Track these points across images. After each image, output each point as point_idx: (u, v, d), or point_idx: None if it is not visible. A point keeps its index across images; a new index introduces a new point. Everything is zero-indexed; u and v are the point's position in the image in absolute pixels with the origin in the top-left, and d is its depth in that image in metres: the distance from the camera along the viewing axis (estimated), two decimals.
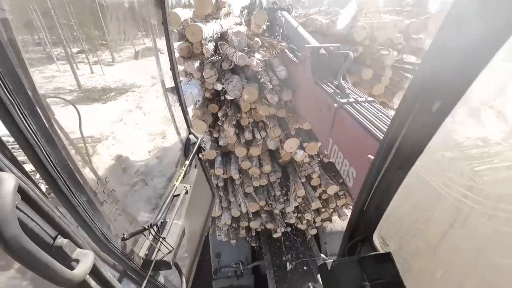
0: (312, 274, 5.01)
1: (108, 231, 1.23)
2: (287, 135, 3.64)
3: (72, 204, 1.01)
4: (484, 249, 0.73)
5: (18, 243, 0.55)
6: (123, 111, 2.55)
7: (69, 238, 0.86)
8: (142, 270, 1.45)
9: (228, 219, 4.61)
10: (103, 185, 1.22)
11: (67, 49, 9.36)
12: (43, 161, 0.83)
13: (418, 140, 0.80)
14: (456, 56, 0.65)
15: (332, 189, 4.25)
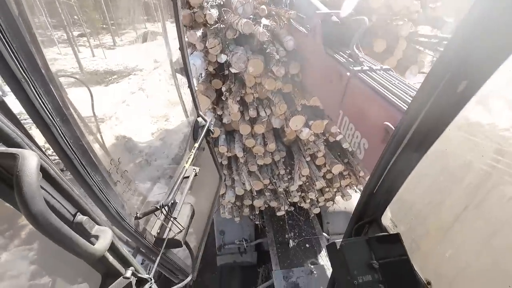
0: (314, 251, 5.11)
1: (122, 210, 1.27)
2: (293, 112, 3.51)
3: (88, 183, 1.03)
4: (498, 231, 0.74)
5: (44, 218, 0.57)
6: (129, 93, 2.54)
7: (88, 215, 0.89)
8: (154, 247, 1.51)
9: (232, 197, 4.59)
10: (116, 166, 1.24)
11: (69, 32, 9.16)
12: (59, 140, 0.84)
13: (438, 121, 0.78)
14: (487, 36, 0.61)
15: (336, 168, 4.18)
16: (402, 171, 0.98)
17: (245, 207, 4.96)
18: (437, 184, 0.96)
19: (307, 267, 4.74)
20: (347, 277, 0.97)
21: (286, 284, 4.49)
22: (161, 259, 1.61)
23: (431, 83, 0.74)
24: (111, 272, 1.14)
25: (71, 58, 10.32)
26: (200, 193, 2.31)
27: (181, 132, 2.08)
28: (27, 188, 0.53)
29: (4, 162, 0.58)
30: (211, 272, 6.42)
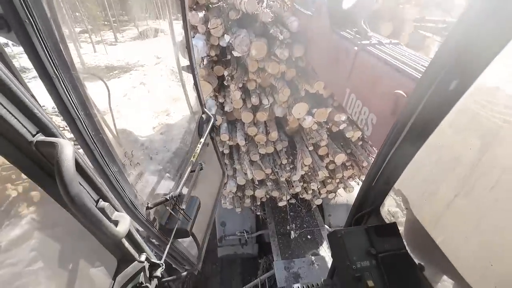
0: (316, 242, 5.11)
1: (135, 200, 1.34)
2: (296, 99, 3.45)
3: (106, 174, 1.10)
4: (484, 216, 0.81)
5: (80, 200, 0.64)
6: (131, 87, 2.59)
7: (109, 202, 0.97)
8: (163, 236, 1.58)
9: (234, 186, 4.54)
10: (129, 158, 1.31)
11: (70, 27, 9.16)
12: (83, 133, 0.91)
13: (433, 117, 0.85)
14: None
15: (339, 158, 4.11)
16: (400, 163, 1.05)
17: (246, 197, 4.91)
18: (431, 175, 1.03)
19: (308, 258, 4.73)
20: (346, 263, 1.04)
21: (287, 275, 4.49)
22: (169, 248, 1.69)
23: (426, 81, 0.81)
24: (126, 257, 1.21)
25: (73, 53, 10.33)
26: (204, 187, 2.38)
27: (185, 127, 2.15)
28: (66, 172, 0.61)
29: (44, 150, 0.65)
30: (211, 264, 6.44)
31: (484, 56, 0.68)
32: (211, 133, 2.40)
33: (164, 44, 2.89)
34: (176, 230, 1.64)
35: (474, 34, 0.68)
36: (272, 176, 4.57)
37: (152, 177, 1.82)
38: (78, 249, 1.12)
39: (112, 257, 1.17)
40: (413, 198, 1.14)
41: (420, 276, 1.03)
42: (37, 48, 0.68)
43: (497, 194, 0.74)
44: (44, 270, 0.95)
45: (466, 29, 0.70)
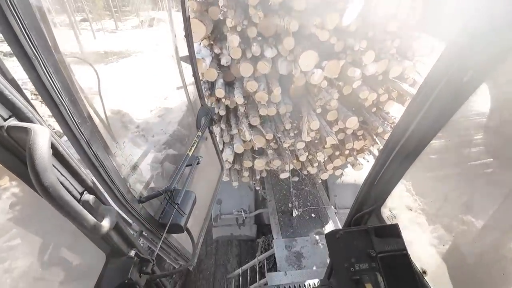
0: (321, 221, 4.66)
1: (127, 193, 1.29)
2: (304, 47, 2.96)
3: (94, 165, 1.05)
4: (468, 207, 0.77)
5: (56, 191, 0.59)
6: (129, 72, 2.52)
7: (94, 194, 0.92)
8: (157, 231, 1.54)
9: (230, 155, 4.00)
10: (121, 149, 1.26)
11: (70, 14, 9.05)
12: (67, 120, 0.86)
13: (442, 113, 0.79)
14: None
15: (351, 122, 3.54)
16: (404, 162, 0.99)
17: (244, 170, 4.45)
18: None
19: (312, 237, 4.35)
20: (344, 264, 0.99)
21: (288, 254, 4.10)
22: (163, 243, 1.64)
23: (425, 90, 0.75)
24: (116, 251, 1.17)
25: (72, 39, 10.22)
26: (202, 182, 2.34)
27: (183, 119, 2.10)
28: (39, 161, 0.55)
29: (17, 136, 0.59)
30: (206, 245, 6.00)
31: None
32: (209, 126, 2.35)
33: (164, 33, 2.84)
34: (170, 225, 1.59)
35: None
36: (274, 145, 4.10)
37: (147, 170, 1.78)
38: (65, 242, 1.08)
39: (101, 252, 1.13)
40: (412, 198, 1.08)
41: (422, 281, 0.98)
42: (13, 26, 0.63)
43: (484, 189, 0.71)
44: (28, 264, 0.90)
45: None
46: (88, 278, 1.12)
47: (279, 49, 3.16)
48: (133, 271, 1.18)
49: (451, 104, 0.78)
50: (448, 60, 0.72)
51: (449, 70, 0.71)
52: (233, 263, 5.63)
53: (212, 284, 5.28)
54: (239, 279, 4.81)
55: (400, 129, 0.91)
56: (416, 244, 1.07)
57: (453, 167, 0.89)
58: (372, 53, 3.17)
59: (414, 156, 0.96)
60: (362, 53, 3.14)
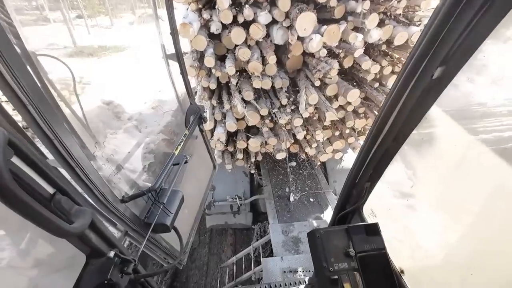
0: (320, 206, 4.50)
1: (108, 193, 1.28)
2: (300, 9, 2.75)
3: (71, 165, 1.04)
4: (459, 202, 0.76)
5: (11, 192, 0.57)
6: (121, 66, 2.47)
7: (67, 195, 0.90)
8: (142, 231, 1.53)
9: (222, 134, 3.75)
10: (101, 149, 1.24)
11: (64, 11, 8.96)
12: (37, 120, 0.84)
13: (416, 109, 0.78)
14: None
15: (353, 95, 3.32)
16: (382, 160, 0.98)
17: (239, 152, 4.28)
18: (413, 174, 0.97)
19: (311, 222, 4.20)
20: (323, 264, 0.98)
21: (285, 239, 3.95)
22: (149, 242, 1.64)
23: (406, 77, 0.73)
24: (95, 252, 1.16)
25: (65, 33, 10.06)
26: (192, 180, 2.32)
27: (172, 117, 2.08)
28: None
29: None
30: (199, 235, 5.83)
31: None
32: (199, 124, 2.33)
33: (155, 30, 2.74)
34: (155, 224, 1.59)
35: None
36: (269, 123, 3.91)
37: (133, 170, 1.76)
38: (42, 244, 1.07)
39: (81, 253, 1.12)
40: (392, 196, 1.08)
41: (400, 280, 0.97)
42: None
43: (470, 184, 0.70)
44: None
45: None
46: (68, 279, 1.11)
47: (274, 14, 2.94)
48: (113, 272, 1.17)
49: (424, 101, 0.77)
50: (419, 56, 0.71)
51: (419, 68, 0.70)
52: (227, 252, 5.50)
53: (206, 273, 5.21)
54: (233, 267, 4.76)
55: (377, 128, 0.90)
56: (395, 243, 1.06)
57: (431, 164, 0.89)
58: (376, 16, 2.95)
59: (392, 154, 0.95)
60: (364, 16, 2.92)
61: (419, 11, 3.29)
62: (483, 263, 0.72)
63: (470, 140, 0.74)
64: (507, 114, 0.80)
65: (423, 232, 0.94)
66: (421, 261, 0.94)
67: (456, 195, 0.78)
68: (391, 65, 3.58)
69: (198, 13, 3.13)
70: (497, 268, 0.67)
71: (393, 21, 3.23)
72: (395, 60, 3.67)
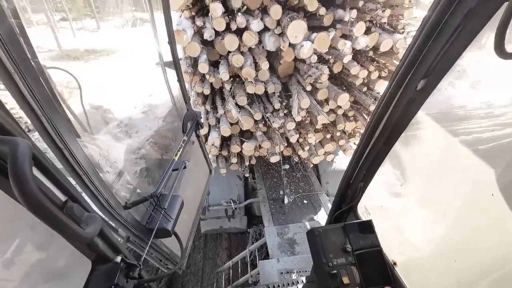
0: (314, 207, 4.59)
1: (112, 200, 1.30)
2: (291, 17, 2.91)
3: (78, 173, 1.07)
4: (443, 198, 0.85)
5: (37, 201, 0.61)
6: (110, 71, 2.44)
7: (78, 203, 0.93)
8: (144, 236, 1.56)
9: (217, 138, 3.82)
10: (105, 157, 1.27)
11: (48, 13, 8.65)
12: (49, 131, 0.87)
13: (402, 119, 0.87)
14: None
15: (343, 99, 3.53)
16: (374, 161, 1.07)
17: (233, 156, 4.33)
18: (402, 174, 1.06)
19: (305, 223, 4.29)
20: (323, 260, 1.05)
21: (280, 241, 4.00)
22: (150, 248, 1.66)
23: (396, 82, 0.82)
24: (101, 258, 1.18)
25: (50, 37, 9.71)
26: (190, 185, 2.35)
27: (169, 125, 2.11)
28: (21, 172, 0.57)
29: None
30: (194, 240, 6.04)
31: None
32: (196, 130, 2.37)
33: (150, 35, 2.75)
34: (157, 230, 1.61)
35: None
36: (262, 127, 4.02)
37: (134, 176, 1.78)
38: (49, 251, 1.08)
39: (87, 259, 1.14)
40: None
41: (393, 272, 1.06)
42: None
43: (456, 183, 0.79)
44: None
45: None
46: (74, 286, 1.13)
47: (266, 22, 3.08)
48: (120, 277, 1.20)
49: (410, 109, 0.86)
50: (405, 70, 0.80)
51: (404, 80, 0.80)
52: (222, 257, 5.48)
53: (201, 278, 5.16)
54: (229, 272, 4.75)
55: (369, 133, 0.98)
56: (388, 237, 1.15)
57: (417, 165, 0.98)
58: (362, 24, 3.17)
59: (382, 156, 1.04)
60: (352, 25, 3.12)
61: (403, 20, 3.49)
62: (464, 250, 0.81)
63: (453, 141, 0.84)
64: (484, 116, 0.89)
65: (412, 227, 1.03)
66: (411, 252, 1.03)
67: (440, 192, 0.88)
68: (378, 70, 3.78)
69: (191, 20, 3.21)
70: (475, 254, 0.77)
71: (379, 29, 3.41)
72: (382, 65, 3.87)
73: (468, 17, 0.61)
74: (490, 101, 0.84)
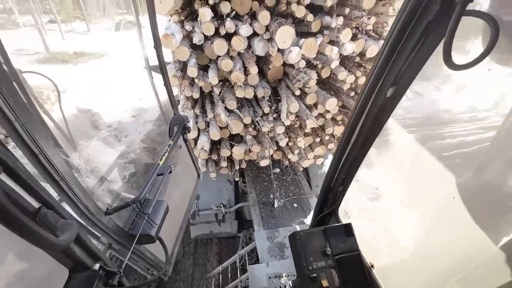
0: (304, 211, 4.65)
1: (92, 206, 1.28)
2: (280, 23, 2.97)
3: (55, 179, 1.04)
4: (418, 203, 0.88)
5: (3, 207, 0.60)
6: (98, 75, 2.40)
7: (53, 209, 0.91)
8: (126, 243, 1.53)
9: (206, 142, 3.82)
10: (85, 161, 1.25)
11: (36, 15, 8.43)
12: (23, 136, 0.85)
13: (375, 122, 0.90)
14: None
15: (331, 104, 3.59)
16: (352, 165, 1.09)
17: (223, 160, 4.34)
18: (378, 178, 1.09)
19: (295, 226, 4.35)
20: (303, 264, 1.07)
21: (270, 245, 4.02)
22: (134, 254, 1.63)
23: (368, 89, 0.86)
24: (79, 266, 1.16)
25: (38, 39, 9.46)
26: (177, 190, 2.33)
27: (155, 129, 2.10)
28: None
29: None
30: (183, 246, 5.73)
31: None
32: (183, 134, 2.36)
33: (135, 40, 2.67)
34: (140, 235, 1.59)
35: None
36: (252, 131, 4.05)
37: (117, 181, 1.75)
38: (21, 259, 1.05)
39: (63, 267, 1.11)
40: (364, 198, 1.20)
41: (370, 274, 1.08)
42: None
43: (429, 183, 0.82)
44: None
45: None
46: None
47: (255, 27, 3.12)
48: (98, 284, 1.17)
49: (381, 115, 0.90)
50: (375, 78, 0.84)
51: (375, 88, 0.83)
52: (213, 262, 5.44)
53: (191, 285, 5.10)
54: (219, 277, 4.70)
55: (345, 138, 1.01)
56: (366, 240, 1.18)
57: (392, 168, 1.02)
58: (349, 31, 3.24)
59: (359, 160, 1.07)
60: (339, 31, 3.19)
61: (387, 27, 3.60)
62: (431, 252, 0.84)
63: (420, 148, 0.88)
64: (468, 120, 0.92)
65: (386, 229, 1.06)
66: (386, 255, 1.05)
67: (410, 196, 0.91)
68: (365, 76, 3.86)
69: (180, 25, 3.21)
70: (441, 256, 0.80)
71: (365, 35, 3.50)
72: (368, 71, 3.96)
73: (428, 29, 0.65)
74: (451, 107, 0.88)
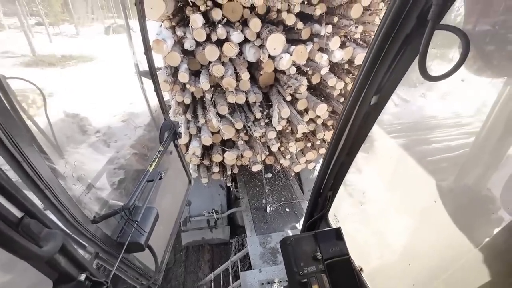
0: (296, 215, 4.67)
1: (78, 214, 1.25)
2: (270, 30, 3.04)
3: (39, 187, 1.01)
4: (403, 207, 0.91)
5: None
6: (88, 79, 2.34)
7: (36, 218, 0.88)
8: (114, 251, 1.49)
9: (198, 147, 3.81)
10: (72, 169, 1.22)
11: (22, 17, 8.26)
12: (5, 142, 0.83)
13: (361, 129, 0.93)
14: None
15: (321, 109, 3.66)
16: (340, 171, 1.12)
17: (214, 165, 4.34)
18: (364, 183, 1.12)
19: (287, 231, 4.34)
20: (294, 269, 1.07)
21: (263, 251, 3.99)
22: (122, 263, 1.59)
23: (353, 97, 0.89)
24: (64, 277, 1.12)
25: (24, 42, 9.23)
26: (167, 196, 2.30)
27: (146, 134, 2.08)
28: None
29: None
30: (174, 253, 5.63)
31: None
32: (174, 140, 2.34)
33: (125, 45, 2.63)
34: (128, 244, 1.55)
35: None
36: (244, 136, 4.08)
37: (105, 189, 1.72)
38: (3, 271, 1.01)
39: (47, 279, 1.07)
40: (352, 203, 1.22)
41: (360, 277, 1.09)
42: None
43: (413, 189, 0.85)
44: None
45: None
46: None
47: (246, 34, 3.18)
48: None
49: (366, 122, 0.93)
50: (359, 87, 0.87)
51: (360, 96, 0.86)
52: (205, 270, 5.35)
53: None
54: (211, 285, 4.61)
55: (333, 144, 1.04)
56: (355, 243, 1.20)
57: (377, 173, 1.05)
58: (337, 38, 3.33)
59: (347, 166, 1.10)
60: (328, 39, 3.29)
61: None
62: (416, 254, 0.87)
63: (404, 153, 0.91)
64: (453, 125, 0.96)
65: (374, 233, 1.08)
66: (375, 258, 1.07)
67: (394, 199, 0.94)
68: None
69: (171, 30, 3.22)
70: (425, 258, 0.83)
71: (353, 43, 3.61)
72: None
73: (406, 41, 0.69)
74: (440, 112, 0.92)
